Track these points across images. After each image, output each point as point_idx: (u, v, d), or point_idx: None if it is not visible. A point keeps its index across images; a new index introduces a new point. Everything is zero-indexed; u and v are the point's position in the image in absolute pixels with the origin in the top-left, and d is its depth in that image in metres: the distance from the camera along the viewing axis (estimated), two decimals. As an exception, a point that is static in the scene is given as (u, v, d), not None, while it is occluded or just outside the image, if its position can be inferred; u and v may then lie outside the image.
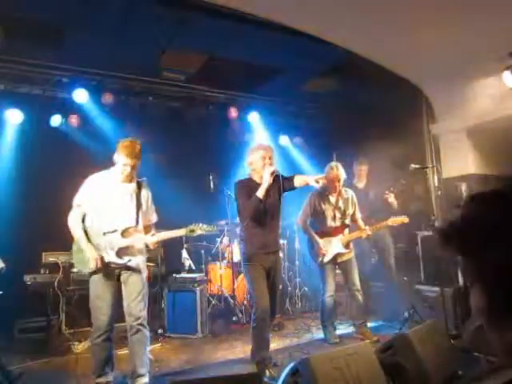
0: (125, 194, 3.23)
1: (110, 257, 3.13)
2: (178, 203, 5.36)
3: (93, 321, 3.12)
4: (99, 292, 3.11)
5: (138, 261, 3.24)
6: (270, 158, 3.53)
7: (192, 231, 3.23)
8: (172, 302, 4.86)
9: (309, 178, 3.41)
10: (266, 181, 3.41)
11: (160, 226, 3.47)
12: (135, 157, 3.15)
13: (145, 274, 3.30)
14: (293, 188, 3.57)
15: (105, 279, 3.13)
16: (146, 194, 3.34)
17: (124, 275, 3.20)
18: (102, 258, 3.10)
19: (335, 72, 5.80)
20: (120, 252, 3.15)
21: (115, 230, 3.14)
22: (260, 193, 3.41)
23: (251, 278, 3.57)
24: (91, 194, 3.17)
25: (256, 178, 3.59)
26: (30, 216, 4.79)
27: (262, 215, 3.53)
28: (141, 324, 3.17)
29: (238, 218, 3.83)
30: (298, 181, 3.52)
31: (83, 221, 3.20)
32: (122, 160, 3.13)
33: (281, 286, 4.45)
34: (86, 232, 3.17)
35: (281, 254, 4.06)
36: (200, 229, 3.24)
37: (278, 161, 3.91)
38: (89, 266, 3.08)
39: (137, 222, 3.23)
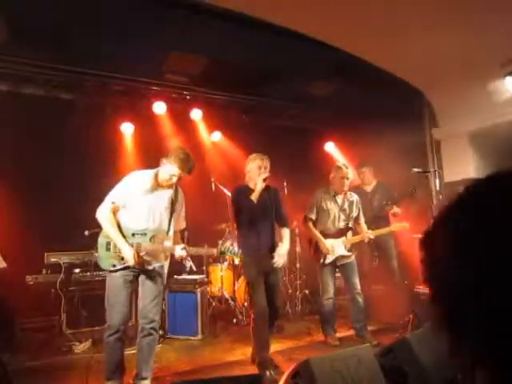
0: (162, 199, 3.19)
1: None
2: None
3: (107, 319, 3.05)
4: (117, 290, 3.04)
5: (162, 264, 3.23)
6: (265, 168, 3.70)
7: (222, 253, 3.23)
8: (173, 303, 4.87)
9: (284, 238, 3.81)
10: (259, 186, 3.62)
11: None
12: (187, 172, 3.11)
13: (165, 277, 3.27)
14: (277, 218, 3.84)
15: (124, 278, 3.06)
16: (181, 201, 3.33)
17: (143, 276, 3.16)
18: (138, 254, 3.03)
19: (336, 76, 5.81)
20: (146, 256, 3.11)
21: (144, 234, 3.10)
22: (254, 196, 3.61)
23: (249, 279, 3.74)
24: (127, 192, 3.11)
25: (251, 185, 3.76)
26: (33, 216, 4.80)
27: (257, 218, 3.68)
28: (153, 328, 3.13)
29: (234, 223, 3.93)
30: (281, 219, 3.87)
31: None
32: (172, 170, 3.07)
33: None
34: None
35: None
36: (230, 252, 3.22)
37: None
38: (127, 262, 3.00)
39: (168, 229, 3.20)
